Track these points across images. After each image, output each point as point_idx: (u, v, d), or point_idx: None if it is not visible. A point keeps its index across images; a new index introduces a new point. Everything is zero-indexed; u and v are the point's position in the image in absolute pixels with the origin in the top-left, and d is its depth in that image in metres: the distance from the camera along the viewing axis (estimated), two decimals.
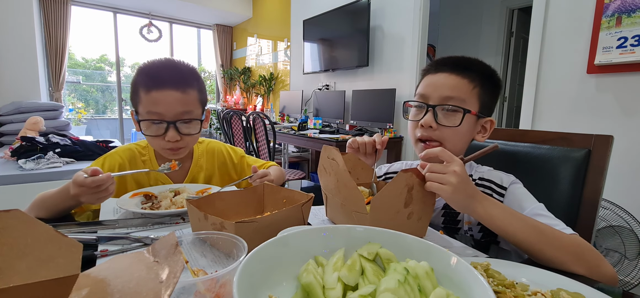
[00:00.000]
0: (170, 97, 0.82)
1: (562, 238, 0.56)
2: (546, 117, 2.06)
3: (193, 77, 0.88)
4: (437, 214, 0.81)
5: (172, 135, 0.84)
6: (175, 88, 0.82)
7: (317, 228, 0.44)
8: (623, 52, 1.70)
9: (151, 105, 0.82)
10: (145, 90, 0.82)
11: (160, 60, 0.86)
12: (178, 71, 0.85)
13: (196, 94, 0.88)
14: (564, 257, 0.54)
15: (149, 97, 0.82)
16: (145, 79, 0.83)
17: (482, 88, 0.74)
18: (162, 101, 0.82)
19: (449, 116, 0.73)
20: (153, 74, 0.83)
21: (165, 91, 0.81)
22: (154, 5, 4.99)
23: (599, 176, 0.76)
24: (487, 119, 0.77)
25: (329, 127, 3.41)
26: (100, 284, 0.32)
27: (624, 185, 1.74)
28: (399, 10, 2.93)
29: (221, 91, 6.04)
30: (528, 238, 0.56)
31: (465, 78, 0.73)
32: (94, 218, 0.72)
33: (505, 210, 0.58)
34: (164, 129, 0.83)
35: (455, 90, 0.73)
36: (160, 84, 0.81)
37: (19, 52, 3.75)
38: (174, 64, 0.87)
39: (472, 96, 0.73)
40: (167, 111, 0.83)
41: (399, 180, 0.55)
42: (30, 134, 2.95)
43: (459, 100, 0.72)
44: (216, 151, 1.06)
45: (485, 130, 0.78)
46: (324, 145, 0.69)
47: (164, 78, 0.82)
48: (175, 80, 0.83)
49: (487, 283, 0.32)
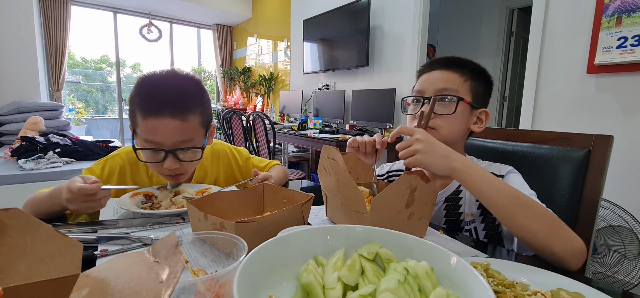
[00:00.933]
0: (169, 126, 0.74)
1: (537, 208, 0.58)
2: (546, 117, 2.06)
3: (195, 99, 0.78)
4: (439, 208, 0.81)
5: (170, 163, 0.77)
6: (174, 115, 0.74)
7: (317, 228, 0.44)
8: (623, 52, 1.70)
9: (148, 133, 0.74)
10: (142, 115, 0.74)
11: (160, 76, 0.77)
12: (179, 94, 0.76)
13: (198, 119, 0.79)
14: (537, 226, 0.56)
15: (146, 123, 0.74)
16: (142, 102, 0.75)
17: (473, 81, 0.79)
18: (160, 130, 0.74)
19: (444, 106, 0.77)
20: (151, 96, 0.74)
21: (163, 119, 0.73)
22: (154, 5, 4.99)
23: (599, 176, 0.76)
24: (482, 110, 0.81)
25: (329, 127, 3.41)
26: (100, 284, 0.32)
27: (624, 185, 1.74)
28: (399, 10, 2.93)
29: (221, 91, 6.04)
30: (503, 201, 0.58)
31: (457, 72, 0.79)
32: (94, 218, 0.72)
33: (484, 172, 0.60)
34: (162, 157, 0.77)
35: (448, 82, 0.78)
36: (157, 110, 0.73)
37: (19, 51, 3.75)
38: (175, 83, 0.77)
39: (464, 88, 0.78)
40: (165, 140, 0.75)
41: (402, 182, 0.55)
42: (30, 133, 2.95)
43: (452, 91, 0.77)
44: (221, 153, 1.03)
45: (481, 120, 0.81)
46: (324, 145, 0.69)
47: (161, 103, 0.73)
48: (174, 106, 0.74)
49: (487, 283, 0.32)
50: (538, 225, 0.56)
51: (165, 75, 0.78)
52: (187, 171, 0.84)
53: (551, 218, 0.57)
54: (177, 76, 0.79)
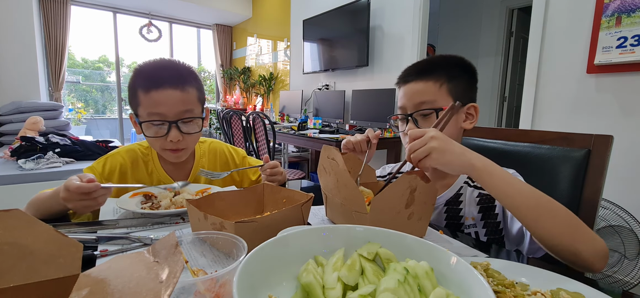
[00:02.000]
0: (171, 96, 0.81)
1: (558, 209, 0.54)
2: (546, 117, 2.06)
3: (191, 75, 0.87)
4: (439, 211, 0.81)
5: (175, 134, 0.82)
6: (174, 87, 0.81)
7: (317, 228, 0.44)
8: (623, 52, 1.70)
9: (151, 106, 0.81)
10: (145, 91, 0.81)
11: (157, 60, 0.85)
12: (176, 70, 0.85)
13: (195, 93, 0.87)
14: (561, 228, 0.53)
15: (149, 98, 0.80)
16: (143, 80, 0.82)
17: (450, 82, 0.77)
18: (163, 101, 0.81)
19: (427, 119, 0.77)
20: (151, 74, 0.82)
21: (165, 91, 0.80)
22: (154, 5, 4.99)
23: (598, 176, 0.76)
24: (469, 105, 0.79)
25: (328, 127, 3.41)
26: (100, 284, 0.32)
27: (624, 185, 1.74)
28: (399, 10, 2.93)
29: (221, 91, 6.04)
30: (526, 202, 0.54)
31: (430, 80, 0.77)
32: (94, 218, 0.72)
33: (504, 172, 0.57)
34: (166, 130, 0.82)
35: (425, 94, 0.77)
36: (159, 83, 0.80)
37: (18, 52, 3.75)
38: (171, 63, 0.86)
39: (441, 93, 0.76)
40: (168, 111, 0.82)
41: (402, 182, 0.55)
42: (30, 133, 2.95)
43: (430, 103, 0.76)
44: (218, 151, 1.06)
45: (471, 116, 0.80)
46: (324, 145, 0.69)
47: (162, 78, 0.81)
48: (174, 79, 0.82)
49: (487, 283, 0.32)
50: (561, 226, 0.53)
51: (161, 59, 0.86)
52: (188, 146, 0.89)
53: (572, 218, 0.54)
54: (171, 60, 0.88)
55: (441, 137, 0.58)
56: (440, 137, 0.58)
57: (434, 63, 0.79)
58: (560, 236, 0.53)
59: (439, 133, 0.59)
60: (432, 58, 0.82)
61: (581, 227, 0.53)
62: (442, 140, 0.58)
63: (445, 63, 0.79)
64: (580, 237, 0.52)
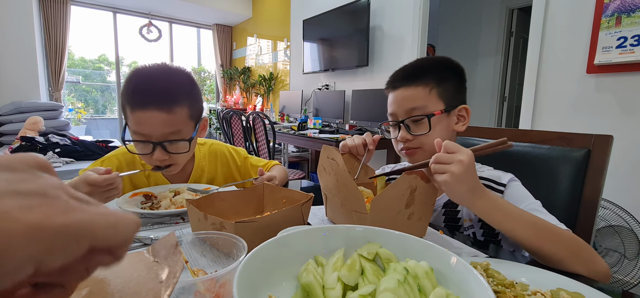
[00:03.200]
0: (155, 118, 0.76)
1: (560, 234, 0.57)
2: (546, 117, 2.06)
3: (182, 92, 0.80)
4: (438, 213, 0.81)
5: (159, 155, 0.79)
6: (159, 108, 0.75)
7: (317, 228, 0.44)
8: (622, 52, 1.70)
9: (136, 124, 0.77)
10: (130, 108, 0.77)
11: (151, 69, 0.80)
12: (164, 88, 0.77)
13: (186, 111, 0.80)
14: (562, 253, 0.55)
15: (134, 116, 0.76)
16: (130, 96, 0.77)
17: (439, 86, 0.76)
18: (146, 122, 0.76)
19: (419, 125, 0.76)
20: (138, 90, 0.77)
21: (149, 112, 0.75)
22: (154, 5, 4.99)
23: (598, 176, 0.76)
24: (460, 107, 0.78)
25: (328, 127, 3.41)
26: (100, 284, 0.32)
27: (624, 185, 1.74)
28: (399, 10, 2.93)
29: (221, 91, 6.03)
30: (526, 234, 0.56)
31: (420, 85, 0.76)
32: None
33: (503, 206, 0.58)
34: (151, 149, 0.79)
35: (415, 100, 0.76)
36: (144, 104, 0.75)
37: (18, 51, 3.75)
38: (162, 78, 0.79)
39: (431, 98, 0.75)
40: (152, 132, 0.77)
41: (402, 182, 0.55)
42: (30, 133, 2.95)
43: (421, 109, 0.75)
44: (219, 153, 1.04)
45: (463, 118, 0.79)
46: (324, 145, 0.69)
47: (147, 97, 0.76)
48: (159, 100, 0.76)
49: (486, 283, 0.32)
50: (562, 252, 0.54)
51: (156, 68, 0.80)
52: (178, 162, 0.85)
53: (574, 242, 0.56)
54: (167, 69, 0.81)
55: (467, 166, 0.54)
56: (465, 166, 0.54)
57: (421, 67, 0.78)
58: (561, 260, 0.54)
59: (469, 160, 0.55)
60: (419, 62, 0.80)
61: (582, 250, 0.55)
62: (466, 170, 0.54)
63: (433, 66, 0.78)
64: (580, 259, 0.54)
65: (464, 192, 0.56)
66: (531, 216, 0.58)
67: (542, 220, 0.58)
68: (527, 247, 0.57)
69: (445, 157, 0.56)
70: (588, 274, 0.53)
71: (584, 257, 0.55)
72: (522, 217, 0.57)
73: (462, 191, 0.56)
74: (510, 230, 0.57)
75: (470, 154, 0.55)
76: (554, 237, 0.56)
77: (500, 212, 0.57)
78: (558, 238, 0.56)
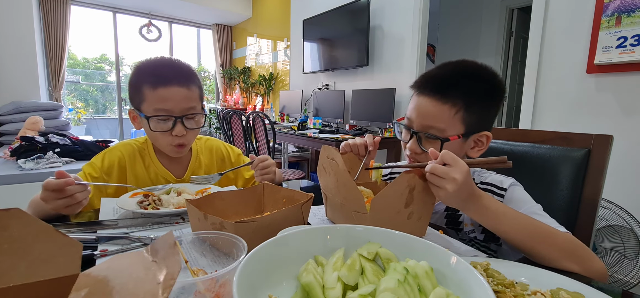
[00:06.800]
0: (178, 93, 0.86)
1: (555, 236, 0.57)
2: (546, 117, 2.06)
3: (193, 74, 0.92)
4: (439, 216, 0.81)
5: (180, 129, 0.87)
6: (180, 84, 0.86)
7: (317, 228, 0.44)
8: (623, 52, 1.70)
9: (158, 102, 0.85)
10: (152, 87, 0.85)
11: (159, 58, 0.89)
12: (180, 69, 0.89)
13: (197, 91, 0.92)
14: (556, 254, 0.55)
15: (156, 94, 0.84)
16: (150, 77, 0.85)
17: (467, 110, 0.69)
18: (170, 98, 0.85)
19: (431, 142, 0.72)
20: (158, 71, 0.86)
21: (172, 88, 0.85)
22: (154, 5, 4.98)
23: (598, 176, 0.76)
24: (482, 134, 0.73)
25: (328, 127, 3.41)
26: (99, 284, 0.32)
27: (624, 185, 1.74)
28: (399, 10, 2.93)
29: (221, 91, 6.03)
30: (520, 235, 0.57)
31: (447, 103, 0.69)
32: (94, 218, 0.72)
33: (498, 209, 0.58)
34: (171, 125, 0.86)
35: (436, 118, 0.70)
36: (166, 81, 0.85)
37: (18, 51, 3.75)
38: (175, 62, 0.90)
39: (454, 122, 0.70)
40: (175, 107, 0.86)
41: (401, 181, 0.55)
42: (30, 133, 2.95)
43: (438, 130, 0.70)
44: (214, 148, 1.09)
45: (481, 143, 0.74)
46: (324, 145, 0.69)
47: (169, 75, 0.86)
48: (180, 77, 0.87)
49: (486, 282, 0.32)
50: (556, 252, 0.55)
51: (163, 58, 0.90)
52: (189, 141, 0.94)
53: (570, 243, 0.57)
54: (174, 59, 0.92)
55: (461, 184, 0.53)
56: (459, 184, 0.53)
57: (454, 83, 0.70)
58: (556, 260, 0.55)
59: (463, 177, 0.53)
60: (458, 70, 0.72)
61: (578, 250, 0.56)
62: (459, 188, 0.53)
63: (471, 81, 0.70)
64: (576, 258, 0.55)
65: (458, 203, 0.57)
66: (526, 219, 0.58)
67: (537, 222, 0.58)
68: (521, 248, 0.58)
69: (440, 170, 0.54)
70: (584, 273, 0.54)
71: (579, 255, 0.55)
72: (516, 219, 0.58)
73: (455, 203, 0.57)
74: (504, 233, 0.58)
75: (466, 170, 0.54)
76: (548, 238, 0.57)
77: (493, 215, 0.58)
78: (552, 240, 0.56)
